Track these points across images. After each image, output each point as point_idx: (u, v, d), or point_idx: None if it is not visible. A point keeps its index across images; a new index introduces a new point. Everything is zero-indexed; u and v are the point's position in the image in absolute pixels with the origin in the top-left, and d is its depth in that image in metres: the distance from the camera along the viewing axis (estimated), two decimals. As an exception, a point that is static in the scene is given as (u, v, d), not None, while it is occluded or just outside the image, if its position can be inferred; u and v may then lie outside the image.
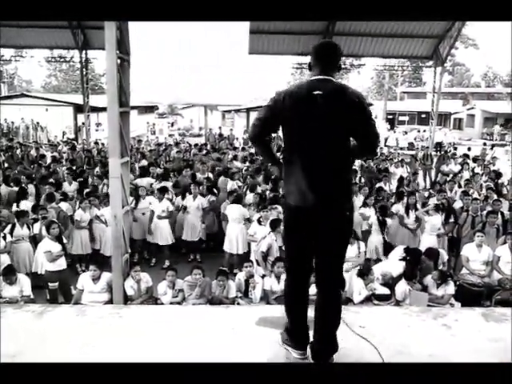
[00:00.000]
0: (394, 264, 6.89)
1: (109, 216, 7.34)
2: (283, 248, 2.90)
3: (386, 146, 25.72)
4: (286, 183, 2.67)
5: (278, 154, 2.96)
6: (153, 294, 6.44)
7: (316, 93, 2.50)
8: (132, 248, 7.69)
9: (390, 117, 40.89)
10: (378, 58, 21.58)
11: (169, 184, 10.10)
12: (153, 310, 4.14)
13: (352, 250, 7.07)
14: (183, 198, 9.34)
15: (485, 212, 8.35)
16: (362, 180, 12.21)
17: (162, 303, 6.09)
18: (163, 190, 9.11)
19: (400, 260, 6.82)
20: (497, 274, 7.05)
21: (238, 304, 6.01)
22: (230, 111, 34.18)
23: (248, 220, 8.34)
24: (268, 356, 2.82)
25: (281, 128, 2.65)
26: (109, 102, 6.25)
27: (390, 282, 6.66)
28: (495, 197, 9.46)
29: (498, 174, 12.74)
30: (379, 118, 39.01)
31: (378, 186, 10.69)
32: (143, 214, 8.99)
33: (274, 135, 2.76)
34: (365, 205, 8.73)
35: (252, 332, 3.18)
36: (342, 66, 2.76)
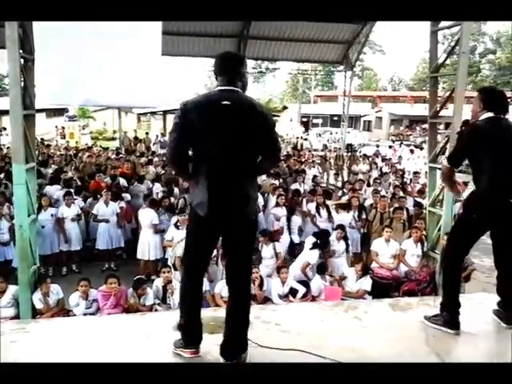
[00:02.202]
0: (308, 254, 7.14)
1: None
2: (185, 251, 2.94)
3: (301, 147, 26.51)
4: (194, 193, 2.69)
5: None
6: (64, 306, 6.12)
7: (225, 103, 2.54)
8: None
9: (305, 119, 42.23)
10: (291, 61, 22.25)
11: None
12: (64, 322, 3.93)
13: (267, 251, 7.23)
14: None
15: (392, 208, 8.87)
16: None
17: (75, 315, 5.81)
18: (69, 195, 8.83)
19: (312, 248, 7.10)
20: (404, 266, 7.53)
21: (156, 311, 5.89)
22: (145, 114, 33.41)
23: (155, 226, 8.21)
24: (184, 361, 2.79)
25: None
26: (11, 105, 5.88)
27: (309, 275, 6.88)
28: (401, 194, 10.10)
29: (403, 173, 13.62)
30: (294, 121, 40.16)
31: (293, 187, 10.96)
32: (43, 226, 8.18)
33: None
34: (277, 205, 8.92)
35: (169, 338, 3.12)
36: (258, 70, 2.85)
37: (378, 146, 24.46)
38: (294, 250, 8.42)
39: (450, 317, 3.23)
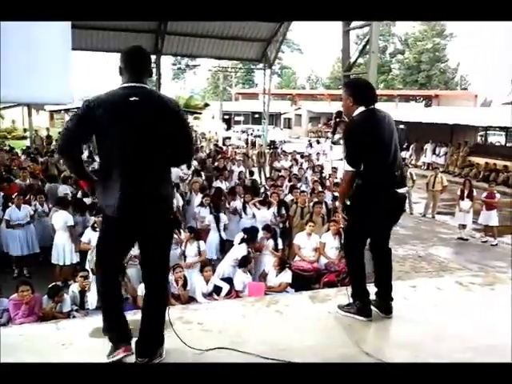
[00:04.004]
0: (237, 249, 7.23)
1: None
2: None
3: (224, 144, 26.64)
4: (103, 194, 2.57)
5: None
6: (-29, 319, 5.67)
7: (132, 99, 2.46)
8: None
9: (227, 117, 42.33)
10: (211, 59, 22.20)
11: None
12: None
13: (191, 249, 7.17)
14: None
15: (312, 203, 9.12)
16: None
17: (-17, 327, 5.40)
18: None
19: (240, 243, 7.17)
20: (324, 258, 7.77)
21: (74, 317, 5.63)
22: (59, 111, 31.77)
23: (70, 228, 7.82)
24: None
25: (95, 137, 2.54)
26: None
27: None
28: (320, 189, 10.43)
29: (322, 168, 14.09)
30: (216, 118, 40.15)
31: (215, 184, 10.95)
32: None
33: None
34: (201, 204, 8.87)
35: (85, 345, 2.99)
36: (178, 66, 2.79)
37: (309, 141, 25.59)
38: (224, 246, 8.40)
39: (362, 305, 3.36)
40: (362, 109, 3.22)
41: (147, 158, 2.51)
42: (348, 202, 3.33)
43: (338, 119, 3.55)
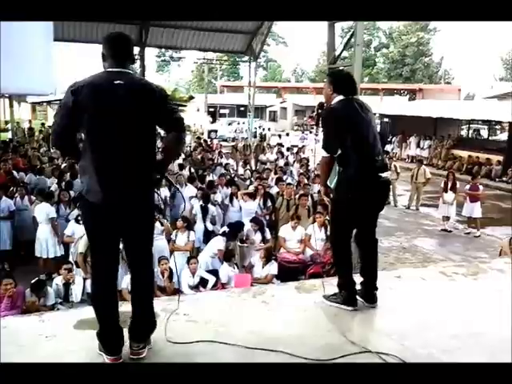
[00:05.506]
0: (214, 241, 7.28)
1: None
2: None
3: (209, 137, 26.54)
4: (84, 179, 2.53)
5: None
6: (-48, 313, 5.57)
7: (117, 82, 2.42)
8: None
9: (212, 109, 42.09)
10: (196, 51, 22.03)
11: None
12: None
13: (182, 239, 7.16)
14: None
15: (297, 195, 9.14)
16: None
17: (-35, 321, 5.31)
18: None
19: (220, 235, 7.17)
20: (309, 250, 7.80)
21: (58, 310, 5.58)
22: (41, 103, 31.30)
23: (52, 220, 7.74)
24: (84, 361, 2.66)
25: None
26: None
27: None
28: (306, 181, 10.45)
29: (308, 161, 14.11)
30: (201, 111, 39.90)
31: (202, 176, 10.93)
32: None
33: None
34: (195, 197, 8.86)
35: (69, 337, 2.96)
36: (162, 59, 2.75)
37: (303, 132, 25.76)
38: (209, 237, 8.36)
39: (347, 295, 3.38)
40: (340, 97, 3.31)
41: (130, 143, 2.46)
42: (330, 185, 3.37)
43: (320, 111, 3.58)
